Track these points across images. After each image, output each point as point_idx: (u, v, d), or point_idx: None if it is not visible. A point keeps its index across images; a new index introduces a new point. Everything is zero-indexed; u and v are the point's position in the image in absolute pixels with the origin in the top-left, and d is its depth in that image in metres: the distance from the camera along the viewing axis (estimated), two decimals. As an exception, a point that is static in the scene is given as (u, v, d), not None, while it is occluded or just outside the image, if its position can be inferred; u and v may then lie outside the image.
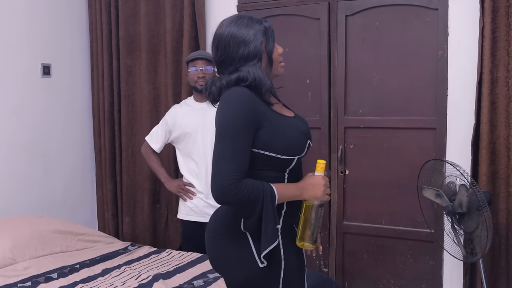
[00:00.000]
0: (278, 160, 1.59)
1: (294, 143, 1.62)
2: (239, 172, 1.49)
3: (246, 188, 1.49)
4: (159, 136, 3.11)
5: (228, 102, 1.56)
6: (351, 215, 3.20)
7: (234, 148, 1.50)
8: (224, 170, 1.49)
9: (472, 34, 2.76)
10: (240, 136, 1.51)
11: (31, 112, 3.49)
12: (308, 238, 1.62)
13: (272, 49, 1.65)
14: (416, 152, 2.97)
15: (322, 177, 1.65)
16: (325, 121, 3.19)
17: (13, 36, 3.35)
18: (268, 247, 1.54)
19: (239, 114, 1.52)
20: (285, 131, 1.60)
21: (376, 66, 3.06)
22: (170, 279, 2.59)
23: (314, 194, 1.62)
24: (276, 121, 1.60)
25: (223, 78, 1.63)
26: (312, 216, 1.62)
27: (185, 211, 3.10)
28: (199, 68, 2.95)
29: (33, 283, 2.52)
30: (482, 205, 2.34)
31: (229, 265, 1.65)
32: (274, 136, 1.57)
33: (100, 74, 3.81)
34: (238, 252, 1.61)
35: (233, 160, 1.50)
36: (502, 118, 2.66)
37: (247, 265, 1.60)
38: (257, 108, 1.56)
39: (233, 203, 1.54)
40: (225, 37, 1.62)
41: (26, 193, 3.46)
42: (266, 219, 1.53)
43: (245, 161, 1.52)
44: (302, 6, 3.21)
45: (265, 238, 1.54)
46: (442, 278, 2.98)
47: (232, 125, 1.52)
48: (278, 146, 1.57)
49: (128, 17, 3.68)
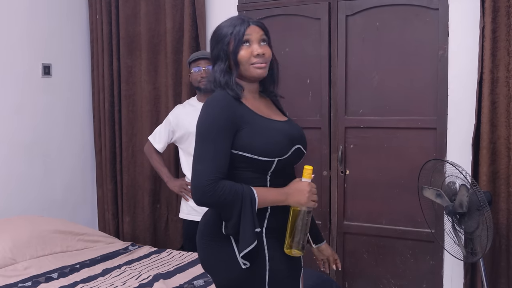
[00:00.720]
0: (257, 162, 1.59)
1: (274, 145, 1.60)
2: (216, 173, 1.52)
3: (223, 189, 1.52)
4: (162, 136, 3.12)
5: (207, 107, 1.60)
6: (351, 215, 3.20)
7: (212, 150, 1.54)
8: (202, 171, 1.52)
9: (473, 34, 2.76)
10: (217, 138, 1.54)
11: (31, 112, 3.49)
12: (295, 244, 1.61)
13: (235, 49, 1.63)
14: (417, 152, 2.97)
15: (308, 183, 1.64)
16: (326, 121, 3.19)
17: (13, 36, 3.35)
18: (245, 249, 1.55)
19: (216, 117, 1.56)
20: (264, 133, 1.60)
21: (377, 66, 3.06)
22: (170, 279, 2.59)
23: (298, 200, 1.61)
24: (257, 123, 1.61)
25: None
26: (298, 222, 1.61)
27: (186, 210, 3.10)
28: (202, 68, 2.96)
29: (33, 283, 2.52)
30: (482, 205, 2.34)
31: (215, 266, 1.67)
32: (253, 138, 1.58)
33: (101, 74, 3.81)
34: (222, 253, 1.62)
35: (210, 161, 1.53)
36: (503, 118, 2.66)
37: (230, 267, 1.60)
38: (235, 111, 1.59)
39: (211, 204, 1.57)
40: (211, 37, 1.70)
41: (27, 193, 3.46)
42: (245, 222, 1.54)
43: (223, 162, 1.54)
44: (302, 6, 3.21)
45: (243, 240, 1.55)
46: (442, 278, 2.98)
47: (209, 128, 1.56)
48: (257, 148, 1.58)
49: (128, 17, 3.68)
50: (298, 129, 1.74)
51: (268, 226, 1.64)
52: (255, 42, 1.64)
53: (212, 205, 1.59)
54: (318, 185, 1.81)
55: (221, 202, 1.53)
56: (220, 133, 1.55)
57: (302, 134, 1.73)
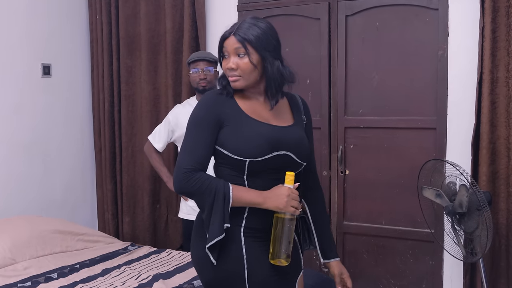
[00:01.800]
0: (231, 159, 1.62)
1: (247, 145, 1.60)
2: (194, 164, 1.60)
3: (197, 180, 1.58)
4: (161, 135, 3.12)
5: (197, 104, 1.70)
6: (351, 215, 3.20)
7: (191, 142, 1.63)
8: (181, 161, 1.61)
9: (472, 34, 2.76)
10: (198, 131, 1.63)
11: (31, 112, 3.49)
12: (280, 253, 1.59)
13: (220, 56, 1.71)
14: (416, 152, 2.97)
15: (288, 188, 1.62)
16: (325, 121, 3.19)
17: (13, 36, 3.35)
18: (212, 241, 1.57)
19: (201, 112, 1.65)
20: (242, 133, 1.62)
21: (376, 66, 3.06)
22: (170, 279, 2.59)
23: (277, 204, 1.60)
24: (239, 122, 1.63)
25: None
26: (282, 230, 1.59)
27: (186, 210, 3.10)
28: (200, 70, 2.96)
29: (33, 283, 2.52)
30: (482, 205, 2.34)
31: (198, 264, 1.72)
32: (230, 135, 1.63)
33: (100, 74, 3.81)
34: (203, 252, 1.63)
35: (190, 153, 1.62)
36: (502, 118, 2.66)
37: (208, 265, 1.63)
38: (222, 108, 1.65)
39: (185, 193, 1.65)
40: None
41: (26, 193, 3.45)
42: (215, 215, 1.58)
43: (202, 154, 1.62)
44: (302, 6, 3.21)
45: (211, 232, 1.59)
46: (442, 278, 2.98)
47: (193, 122, 1.66)
48: (231, 145, 1.62)
49: (128, 17, 3.68)
50: (295, 136, 1.69)
51: (247, 226, 1.64)
52: (232, 54, 1.65)
53: (187, 195, 1.66)
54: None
55: (194, 192, 1.60)
56: (201, 127, 1.63)
57: (298, 143, 1.69)
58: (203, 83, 2.97)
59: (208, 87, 3.00)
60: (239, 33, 1.64)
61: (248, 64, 1.64)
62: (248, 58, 1.64)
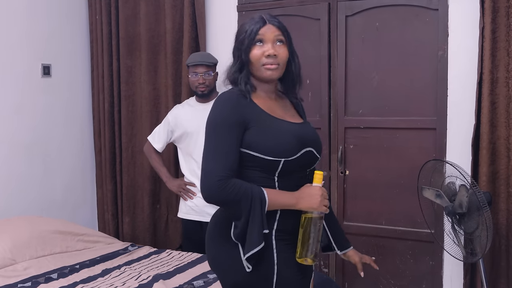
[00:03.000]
0: (264, 161, 1.58)
1: (281, 144, 1.59)
2: (226, 170, 1.52)
3: (233, 187, 1.51)
4: (161, 136, 3.13)
5: (216, 105, 1.62)
6: (351, 215, 3.20)
7: (221, 147, 1.54)
8: (212, 169, 1.52)
9: (472, 34, 2.76)
10: (226, 136, 1.55)
11: (31, 113, 3.49)
12: (308, 253, 1.59)
13: (246, 47, 1.63)
14: (416, 153, 2.97)
15: (319, 188, 1.62)
16: (325, 121, 3.19)
17: (13, 36, 3.35)
18: (251, 251, 1.53)
19: (225, 115, 1.57)
20: (272, 133, 1.59)
21: (376, 66, 3.06)
22: (170, 279, 2.59)
23: (310, 205, 1.59)
24: (265, 122, 1.60)
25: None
26: (311, 229, 1.59)
27: (185, 210, 3.11)
28: (199, 74, 2.97)
29: (33, 284, 2.52)
30: (482, 206, 2.34)
31: (222, 267, 1.66)
32: (260, 137, 1.57)
33: (100, 74, 3.81)
34: (230, 254, 1.60)
35: (220, 159, 1.53)
36: (502, 119, 2.66)
37: (237, 268, 1.58)
38: (243, 110, 1.58)
39: (220, 202, 1.57)
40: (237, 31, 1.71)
41: (26, 194, 3.45)
42: (253, 222, 1.52)
43: (232, 160, 1.54)
44: (302, 7, 3.21)
45: (249, 241, 1.53)
46: (442, 279, 2.98)
47: (218, 125, 1.56)
48: (263, 147, 1.57)
49: (128, 18, 3.68)
50: (312, 132, 1.72)
51: (278, 229, 1.62)
52: (269, 42, 1.62)
53: (221, 203, 1.58)
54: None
55: (230, 200, 1.52)
56: (229, 131, 1.55)
57: (316, 138, 1.71)
58: (202, 88, 2.99)
59: (206, 91, 3.01)
60: (275, 22, 1.65)
61: (286, 53, 1.65)
62: (286, 47, 1.65)
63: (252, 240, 1.53)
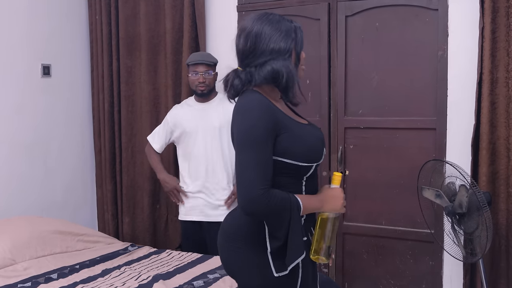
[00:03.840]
0: (297, 167, 1.57)
1: (313, 150, 1.60)
2: (266, 182, 1.47)
3: (275, 198, 1.47)
4: (160, 136, 3.14)
5: (247, 110, 1.53)
6: (351, 215, 3.20)
7: (259, 157, 1.48)
8: (252, 181, 1.46)
9: (472, 34, 2.76)
10: (263, 144, 1.49)
11: (31, 113, 3.49)
12: (324, 251, 1.60)
13: (301, 48, 1.66)
14: (416, 153, 2.97)
15: (341, 190, 1.64)
16: (325, 121, 3.19)
17: (13, 36, 3.35)
18: (296, 260, 1.53)
19: (260, 122, 1.50)
20: (303, 138, 1.59)
21: (376, 66, 3.06)
22: (170, 279, 2.58)
23: (334, 207, 1.61)
24: (295, 128, 1.59)
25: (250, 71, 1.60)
26: (328, 229, 1.61)
27: (184, 211, 3.12)
28: (200, 73, 2.97)
29: (33, 284, 2.52)
30: (482, 206, 2.34)
31: (244, 272, 1.62)
32: (293, 143, 1.55)
33: (100, 74, 3.81)
34: (255, 259, 1.58)
35: (259, 170, 1.47)
36: (502, 119, 2.66)
37: (263, 273, 1.57)
38: (276, 115, 1.54)
39: (263, 214, 1.50)
40: (257, 29, 1.60)
41: (27, 193, 3.45)
42: (293, 231, 1.51)
43: (270, 170, 1.50)
44: (302, 7, 3.21)
45: (292, 250, 1.52)
46: (442, 279, 2.98)
47: (254, 134, 1.49)
48: (298, 153, 1.56)
49: (128, 18, 3.68)
50: (321, 132, 1.74)
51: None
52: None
53: (265, 215, 1.51)
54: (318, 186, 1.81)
55: (274, 212, 1.48)
56: (267, 140, 1.50)
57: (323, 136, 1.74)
58: (201, 87, 2.99)
59: (206, 90, 3.01)
60: None
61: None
62: None
63: (295, 250, 1.52)
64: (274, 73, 1.57)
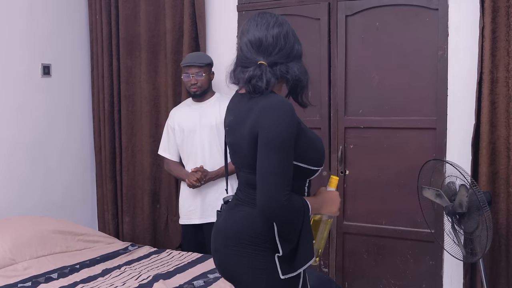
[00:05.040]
0: (307, 171, 1.59)
1: (322, 154, 1.63)
2: (289, 186, 1.47)
3: (295, 203, 1.49)
4: (171, 143, 3.15)
5: (277, 112, 1.50)
6: (351, 215, 3.20)
7: (285, 162, 1.47)
8: (278, 186, 1.45)
9: (472, 34, 2.76)
10: (290, 149, 1.49)
11: (31, 113, 3.49)
12: (316, 253, 1.63)
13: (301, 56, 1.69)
14: (416, 152, 2.97)
15: (338, 193, 1.68)
16: (325, 121, 3.19)
17: (13, 36, 3.35)
18: (307, 263, 1.55)
19: (289, 127, 1.49)
20: (314, 143, 1.61)
21: (376, 66, 3.06)
22: (170, 279, 2.59)
23: (331, 209, 1.64)
24: (308, 132, 1.60)
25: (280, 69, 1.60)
26: (320, 230, 1.64)
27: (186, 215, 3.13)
28: (191, 75, 2.99)
29: (33, 283, 2.52)
30: (482, 205, 2.34)
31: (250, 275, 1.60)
32: (308, 148, 1.57)
33: (100, 74, 3.81)
34: (262, 263, 1.57)
35: (285, 174, 1.46)
36: (502, 118, 2.66)
37: (270, 276, 1.57)
38: (297, 119, 1.54)
39: (284, 219, 1.49)
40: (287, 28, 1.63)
41: (27, 193, 3.45)
42: (304, 235, 1.52)
43: (291, 174, 1.49)
44: (302, 6, 3.21)
45: (304, 253, 1.53)
46: (442, 278, 2.98)
47: (283, 138, 1.47)
48: (311, 158, 1.58)
49: (128, 17, 3.68)
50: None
51: None
52: None
53: (285, 220, 1.49)
54: (318, 185, 1.82)
55: (294, 216, 1.49)
56: (292, 143, 1.49)
57: None
58: (194, 88, 3.02)
59: (199, 91, 3.03)
60: None
61: None
62: None
63: (305, 254, 1.54)
64: (302, 74, 1.62)
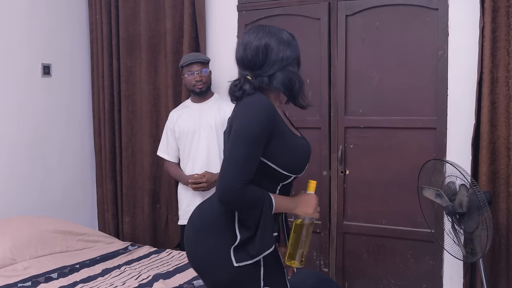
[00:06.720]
0: (278, 174, 1.65)
1: (298, 163, 1.68)
2: (248, 177, 1.55)
3: (249, 193, 1.56)
4: (170, 145, 3.15)
5: (251, 107, 1.60)
6: (351, 215, 3.20)
7: (248, 154, 1.56)
8: (235, 173, 1.54)
9: (472, 34, 2.76)
10: (256, 144, 1.57)
11: (31, 112, 3.49)
12: (298, 256, 1.68)
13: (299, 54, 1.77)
14: (416, 152, 2.97)
15: (315, 196, 1.72)
16: (325, 121, 3.19)
17: (13, 36, 3.35)
18: (264, 252, 1.62)
19: (260, 122, 1.57)
20: (293, 149, 1.66)
21: (376, 66, 3.06)
22: (170, 279, 2.59)
23: (306, 210, 1.69)
24: (288, 137, 1.66)
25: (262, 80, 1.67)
26: (303, 234, 1.68)
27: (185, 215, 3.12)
28: (196, 72, 2.99)
29: (33, 283, 2.52)
30: (482, 205, 2.34)
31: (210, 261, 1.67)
32: (282, 151, 1.63)
33: (100, 74, 3.81)
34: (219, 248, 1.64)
35: (245, 165, 1.55)
36: (502, 118, 2.66)
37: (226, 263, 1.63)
38: (276, 119, 1.62)
39: (236, 206, 1.60)
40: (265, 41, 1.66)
41: (27, 193, 3.46)
42: (264, 225, 1.59)
43: (254, 168, 1.58)
44: (302, 6, 3.21)
45: (261, 242, 1.60)
46: (442, 278, 2.98)
47: (251, 131, 1.56)
48: (283, 162, 1.64)
49: (128, 17, 3.68)
50: (310, 146, 1.78)
51: None
52: None
53: (237, 208, 1.61)
54: (318, 185, 1.84)
55: (246, 205, 1.57)
56: (260, 139, 1.57)
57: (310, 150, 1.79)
58: (199, 85, 3.01)
59: (204, 88, 3.03)
60: None
61: None
62: None
63: (264, 242, 1.60)
64: (288, 81, 1.68)
